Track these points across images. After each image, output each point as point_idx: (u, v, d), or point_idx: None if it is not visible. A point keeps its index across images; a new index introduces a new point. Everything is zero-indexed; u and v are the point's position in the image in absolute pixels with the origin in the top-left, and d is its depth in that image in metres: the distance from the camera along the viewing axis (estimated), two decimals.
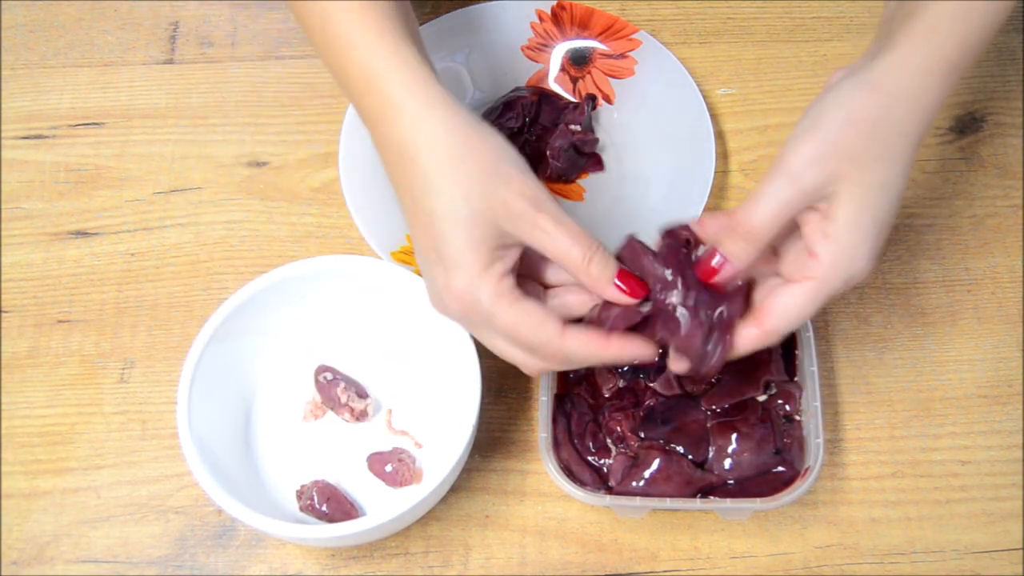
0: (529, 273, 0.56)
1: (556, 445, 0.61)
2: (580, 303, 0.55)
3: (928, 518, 0.64)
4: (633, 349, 0.54)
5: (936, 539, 0.63)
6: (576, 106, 0.75)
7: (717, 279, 0.53)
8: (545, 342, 0.52)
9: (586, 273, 0.53)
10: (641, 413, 0.62)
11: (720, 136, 0.77)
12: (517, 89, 0.76)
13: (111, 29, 0.81)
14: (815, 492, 0.64)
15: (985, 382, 0.68)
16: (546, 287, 0.56)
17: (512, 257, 0.53)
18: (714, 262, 0.53)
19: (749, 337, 0.53)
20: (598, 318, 0.54)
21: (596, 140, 0.75)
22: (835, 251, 0.51)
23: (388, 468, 0.62)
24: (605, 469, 0.61)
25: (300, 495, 0.61)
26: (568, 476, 0.59)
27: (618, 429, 0.62)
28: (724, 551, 0.63)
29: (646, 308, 0.54)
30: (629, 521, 0.63)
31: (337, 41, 0.54)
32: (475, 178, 0.51)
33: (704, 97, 0.74)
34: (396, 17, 0.54)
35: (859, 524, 0.64)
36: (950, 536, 0.63)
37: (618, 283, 0.53)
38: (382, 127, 0.53)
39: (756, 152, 0.76)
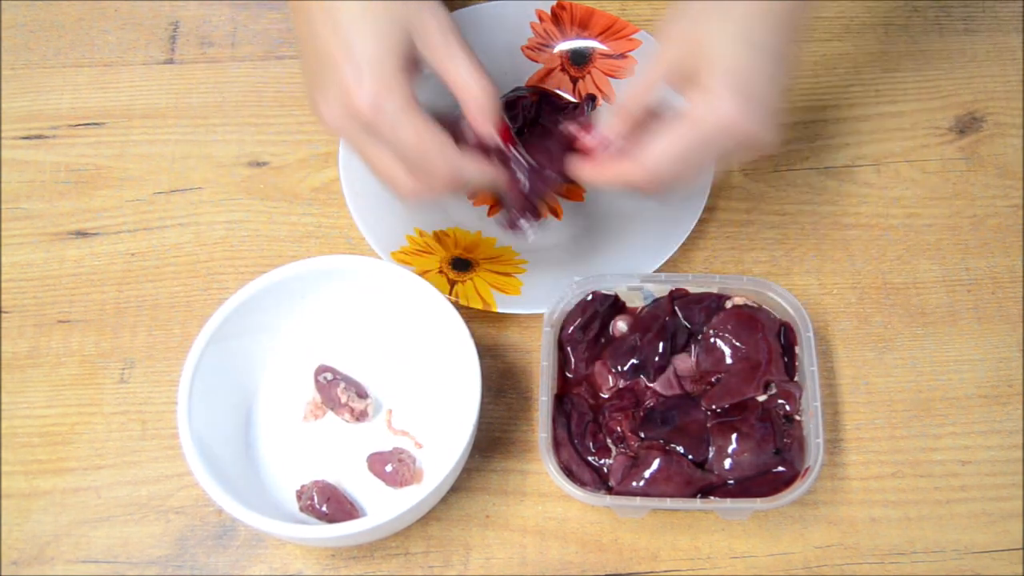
0: None
1: (556, 445, 0.61)
2: None
3: (928, 518, 0.64)
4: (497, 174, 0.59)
5: (936, 539, 0.63)
6: (577, 106, 0.75)
7: (584, 141, 0.60)
8: (440, 151, 0.55)
9: (478, 108, 0.57)
10: (641, 413, 0.62)
11: None
12: (517, 89, 0.76)
13: (111, 29, 0.81)
14: (815, 492, 0.64)
15: (985, 382, 0.68)
16: None
17: (414, 76, 0.55)
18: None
19: (625, 168, 0.56)
20: None
21: None
22: (698, 95, 0.54)
23: (388, 468, 0.62)
24: (605, 469, 0.61)
25: (300, 495, 0.61)
26: (568, 476, 0.59)
27: (618, 429, 0.62)
28: (724, 551, 0.63)
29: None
30: (629, 521, 0.63)
31: None
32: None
33: None
34: None
35: (859, 524, 0.64)
36: (950, 536, 0.63)
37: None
38: None
39: None
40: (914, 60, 0.81)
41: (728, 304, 0.65)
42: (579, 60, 0.78)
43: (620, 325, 0.65)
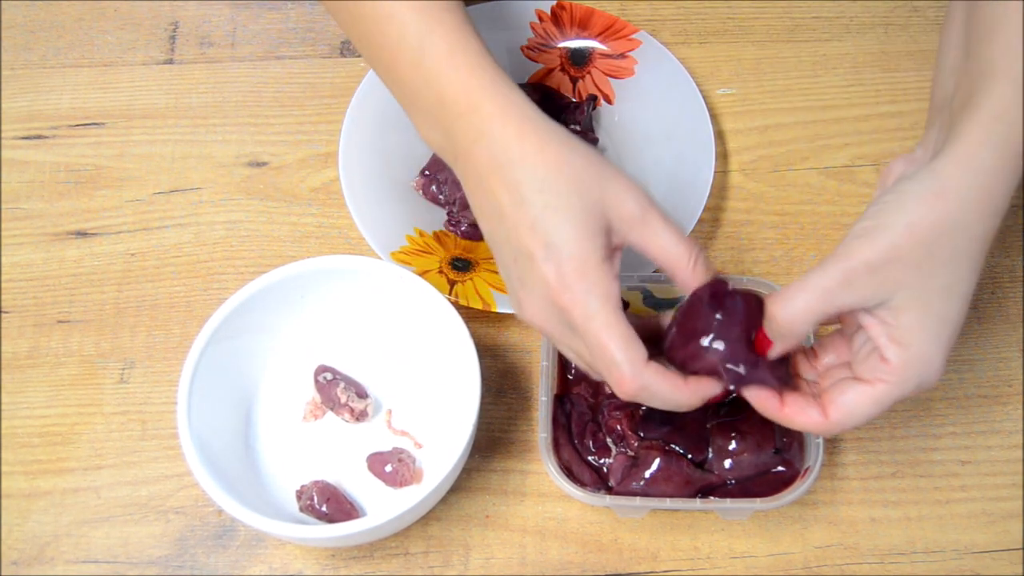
0: None
1: (556, 445, 0.61)
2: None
3: (928, 518, 0.64)
4: (706, 388, 0.53)
5: (936, 539, 0.63)
6: (577, 106, 0.75)
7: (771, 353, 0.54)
8: (629, 365, 0.51)
9: (690, 273, 0.53)
10: (641, 412, 0.62)
11: (720, 136, 0.77)
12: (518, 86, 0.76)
13: (111, 29, 0.81)
14: (815, 492, 0.64)
15: (985, 382, 0.68)
16: None
17: (617, 262, 0.52)
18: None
19: (811, 420, 0.53)
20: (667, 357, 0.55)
21: (596, 140, 0.75)
22: (906, 357, 0.50)
23: (388, 468, 0.62)
24: (605, 469, 0.61)
25: (300, 495, 0.61)
26: (568, 476, 0.59)
27: (618, 428, 0.62)
28: (724, 551, 0.63)
29: (719, 345, 0.53)
30: (629, 521, 0.63)
31: (430, 70, 0.53)
32: (584, 177, 0.51)
33: (704, 97, 0.74)
34: (481, 44, 0.55)
35: (859, 524, 0.64)
36: (950, 536, 0.63)
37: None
38: (480, 144, 0.52)
39: (756, 152, 0.76)
40: (914, 60, 0.81)
41: None
42: (579, 60, 0.78)
43: None
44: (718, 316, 0.53)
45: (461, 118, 0.53)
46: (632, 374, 0.51)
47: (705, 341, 0.53)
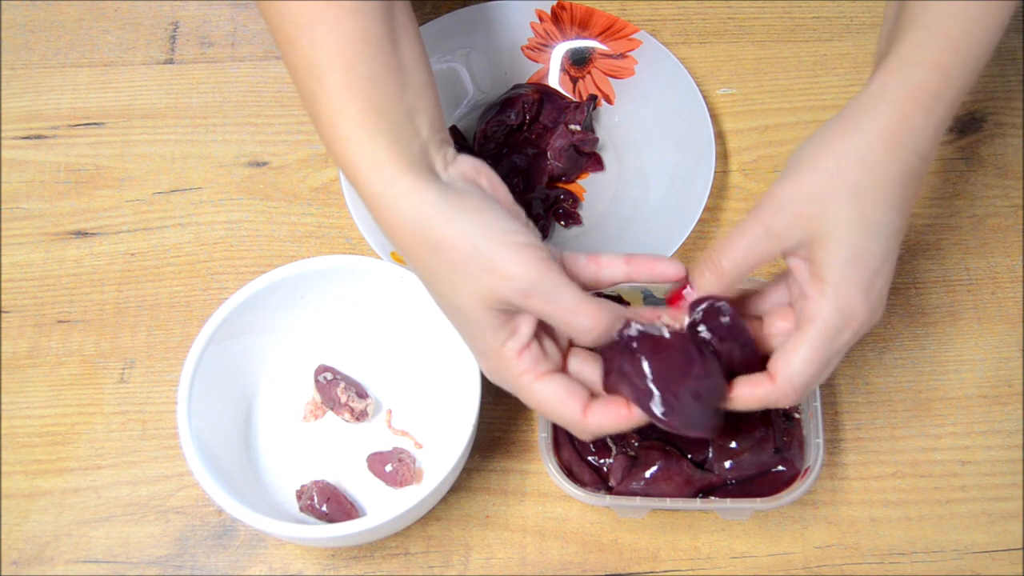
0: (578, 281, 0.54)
1: (556, 445, 0.61)
2: (595, 374, 0.55)
3: (928, 518, 0.64)
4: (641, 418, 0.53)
5: (936, 539, 0.63)
6: (577, 105, 0.75)
7: (680, 303, 0.55)
8: (569, 421, 0.53)
9: (590, 336, 0.52)
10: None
11: (720, 136, 0.77)
12: (518, 86, 0.76)
13: (111, 29, 0.81)
14: (815, 492, 0.64)
15: (985, 382, 0.68)
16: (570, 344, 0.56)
17: (527, 329, 0.52)
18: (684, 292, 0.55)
19: (762, 391, 0.52)
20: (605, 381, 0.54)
21: (596, 140, 0.75)
22: (822, 288, 0.51)
23: (388, 468, 0.62)
24: (605, 469, 0.61)
25: (300, 495, 0.61)
26: (568, 476, 0.59)
27: None
28: (724, 551, 0.63)
29: None
30: (629, 521, 0.63)
31: (324, 121, 0.52)
32: (460, 271, 0.50)
33: (704, 97, 0.74)
34: (378, 91, 0.51)
35: (859, 524, 0.64)
36: (950, 536, 0.63)
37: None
38: (375, 215, 0.52)
39: (756, 152, 0.76)
40: None
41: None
42: (579, 60, 0.78)
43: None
44: (644, 366, 0.52)
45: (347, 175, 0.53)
46: (581, 429, 0.53)
47: (632, 390, 0.52)
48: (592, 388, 0.54)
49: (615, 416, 0.52)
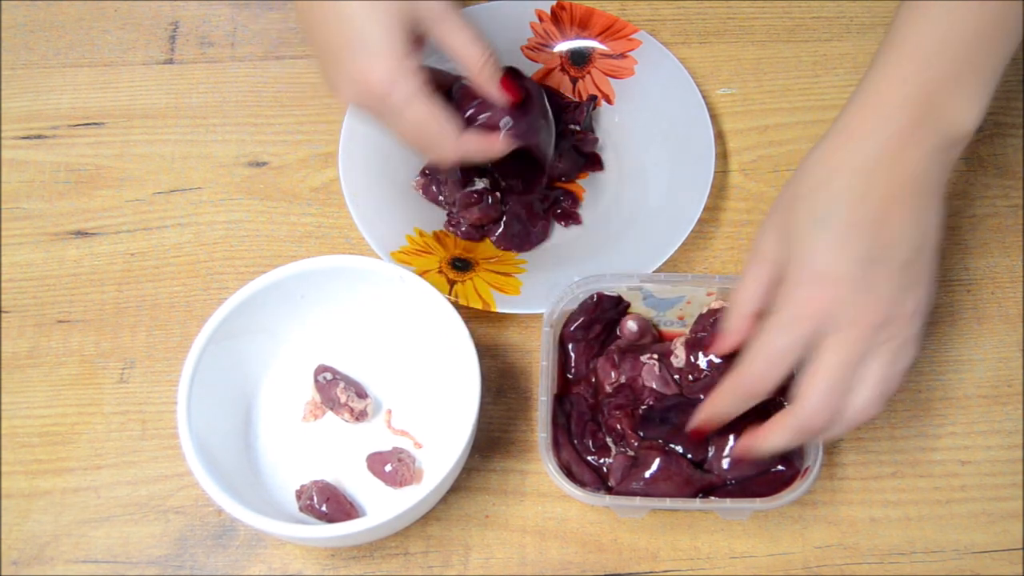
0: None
1: (556, 445, 0.61)
2: None
3: (928, 518, 0.64)
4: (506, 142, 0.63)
5: (936, 539, 0.63)
6: (577, 106, 0.75)
7: (717, 349, 0.59)
8: (445, 138, 0.60)
9: (479, 71, 0.61)
10: (641, 412, 0.62)
11: (720, 136, 0.77)
12: None
13: (111, 29, 0.81)
14: (815, 492, 0.64)
15: (985, 382, 0.68)
16: None
17: (420, 54, 0.59)
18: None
19: (784, 427, 0.54)
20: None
21: (596, 140, 0.75)
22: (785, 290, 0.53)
23: (388, 468, 0.62)
24: (605, 469, 0.61)
25: (300, 495, 0.61)
26: (568, 476, 0.59)
27: (618, 427, 0.62)
28: (724, 551, 0.63)
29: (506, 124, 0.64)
30: (629, 521, 0.63)
31: None
32: None
33: (704, 97, 0.74)
34: None
35: (859, 524, 0.64)
36: (950, 536, 0.63)
37: (502, 86, 0.62)
38: None
39: (756, 152, 0.76)
40: None
41: (712, 304, 0.65)
42: (579, 60, 0.78)
43: (630, 325, 0.65)
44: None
45: None
46: (454, 147, 0.61)
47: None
48: None
49: (485, 137, 0.62)
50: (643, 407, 0.62)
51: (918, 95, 0.53)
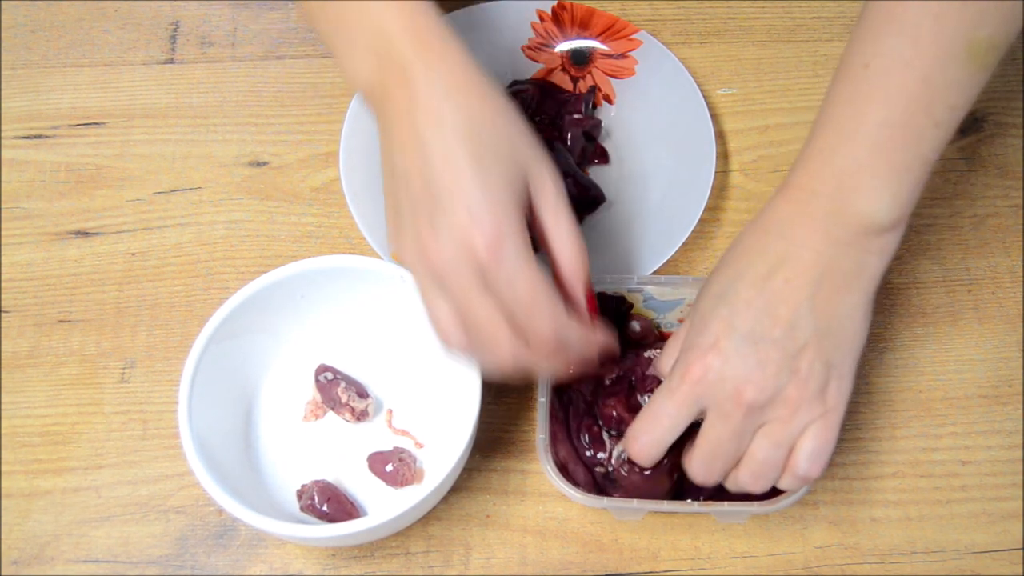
0: None
1: (554, 442, 0.61)
2: None
3: (928, 518, 0.64)
4: (609, 337, 0.58)
5: (936, 539, 0.63)
6: (576, 97, 0.75)
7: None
8: (552, 310, 0.52)
9: (572, 272, 0.55)
10: (637, 399, 0.62)
11: (720, 136, 0.77)
12: (517, 83, 0.76)
13: (111, 29, 0.81)
14: (815, 492, 0.64)
15: (985, 382, 0.68)
16: None
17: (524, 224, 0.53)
18: None
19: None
20: None
21: (599, 122, 0.75)
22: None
23: (389, 468, 0.62)
24: (600, 467, 0.61)
25: (300, 495, 0.61)
26: (564, 475, 0.59)
27: (614, 413, 0.61)
28: (724, 551, 0.63)
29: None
30: (629, 521, 0.63)
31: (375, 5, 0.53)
32: (517, 138, 0.52)
33: (704, 97, 0.74)
34: None
35: (859, 524, 0.64)
36: (950, 536, 0.63)
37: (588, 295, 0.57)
38: (412, 83, 0.52)
39: (756, 152, 0.76)
40: None
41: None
42: (579, 60, 0.78)
43: (633, 325, 0.65)
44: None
45: (394, 51, 0.53)
46: (562, 323, 0.53)
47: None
48: None
49: (590, 332, 0.56)
50: (645, 395, 0.62)
51: (830, 183, 0.53)
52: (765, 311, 0.53)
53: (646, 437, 0.56)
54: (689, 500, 0.59)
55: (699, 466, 0.55)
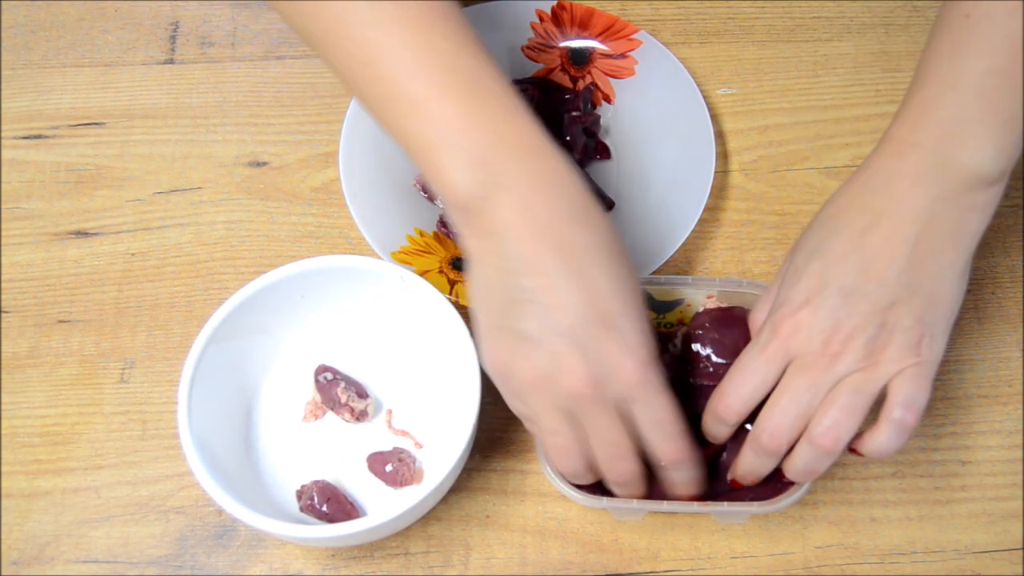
0: None
1: None
2: None
3: (928, 518, 0.64)
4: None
5: (936, 539, 0.63)
6: (576, 95, 0.75)
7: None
8: (681, 433, 0.53)
9: (675, 469, 0.55)
10: None
11: (720, 136, 0.77)
12: (516, 82, 0.76)
13: (111, 29, 0.81)
14: (815, 492, 0.64)
15: (985, 382, 0.68)
16: None
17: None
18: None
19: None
20: None
21: (598, 117, 0.75)
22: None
23: (388, 468, 0.62)
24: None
25: (300, 495, 0.61)
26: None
27: None
28: (724, 551, 0.63)
29: None
30: (630, 521, 0.63)
31: (400, 98, 0.50)
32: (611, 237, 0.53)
33: (704, 97, 0.74)
34: (462, 42, 0.51)
35: (859, 524, 0.64)
36: (950, 536, 0.63)
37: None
38: (484, 210, 0.50)
39: (756, 152, 0.76)
40: (914, 60, 0.80)
41: (705, 305, 0.65)
42: (579, 60, 0.78)
43: None
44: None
45: (501, 161, 0.50)
46: (685, 448, 0.54)
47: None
48: None
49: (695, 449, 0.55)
50: None
51: (932, 134, 0.52)
52: (860, 266, 0.52)
53: (735, 394, 0.54)
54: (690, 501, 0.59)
55: (769, 422, 0.53)
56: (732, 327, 0.61)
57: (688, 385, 0.61)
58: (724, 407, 0.55)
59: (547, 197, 0.50)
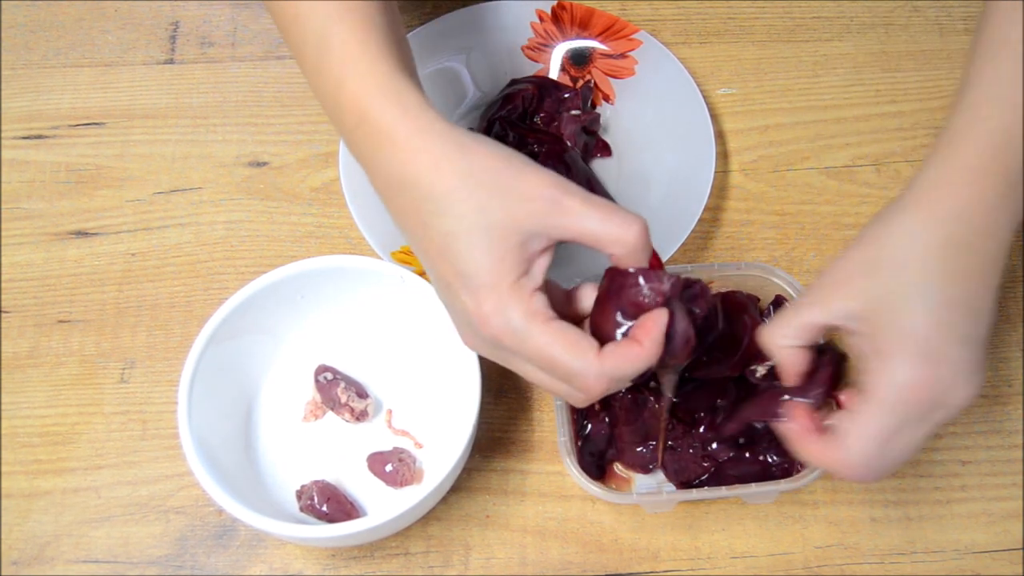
0: (559, 310, 0.51)
1: (577, 446, 0.61)
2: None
3: (928, 518, 0.64)
4: (659, 339, 0.50)
5: (936, 539, 0.63)
6: (575, 93, 0.75)
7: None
8: (584, 366, 0.48)
9: (623, 243, 0.49)
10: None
11: (720, 136, 0.77)
12: (515, 81, 0.76)
13: (111, 29, 0.81)
14: (815, 492, 0.64)
15: (985, 382, 0.68)
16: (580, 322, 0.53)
17: (540, 269, 0.49)
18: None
19: (831, 455, 0.52)
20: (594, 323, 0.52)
21: (598, 116, 0.75)
22: (878, 363, 0.50)
23: (388, 468, 0.62)
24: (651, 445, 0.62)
25: (300, 495, 0.61)
26: (596, 472, 0.59)
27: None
28: (724, 551, 0.63)
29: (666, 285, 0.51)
30: (629, 521, 0.63)
31: (330, 71, 0.51)
32: (486, 187, 0.48)
33: (704, 97, 0.74)
34: (389, 41, 0.52)
35: (859, 524, 0.64)
36: (950, 536, 0.63)
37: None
38: (377, 159, 0.50)
39: (756, 152, 0.76)
40: (914, 60, 0.81)
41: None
42: (579, 60, 0.78)
43: None
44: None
45: (357, 129, 0.51)
46: (597, 374, 0.48)
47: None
48: None
49: (632, 353, 0.49)
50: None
51: (1000, 161, 0.51)
52: (965, 310, 0.51)
53: (875, 458, 0.52)
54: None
55: (874, 452, 0.51)
56: (734, 312, 0.61)
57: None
58: (856, 473, 0.52)
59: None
